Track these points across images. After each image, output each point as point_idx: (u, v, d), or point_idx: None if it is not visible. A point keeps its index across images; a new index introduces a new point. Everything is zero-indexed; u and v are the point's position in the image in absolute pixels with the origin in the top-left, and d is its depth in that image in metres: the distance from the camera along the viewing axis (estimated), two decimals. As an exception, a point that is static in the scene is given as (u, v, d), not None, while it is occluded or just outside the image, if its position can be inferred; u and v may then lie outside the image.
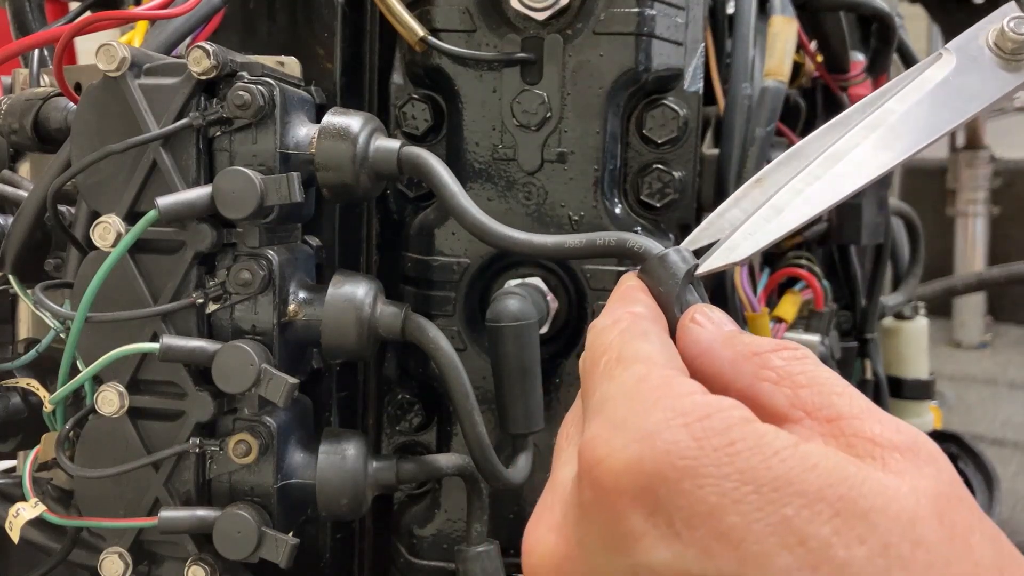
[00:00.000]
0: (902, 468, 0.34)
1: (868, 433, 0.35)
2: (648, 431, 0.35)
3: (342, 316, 0.56)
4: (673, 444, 0.34)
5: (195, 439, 0.54)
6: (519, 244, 0.53)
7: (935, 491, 0.33)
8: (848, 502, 0.32)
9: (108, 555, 0.54)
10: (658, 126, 0.64)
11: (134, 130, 0.53)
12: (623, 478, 0.35)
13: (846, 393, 0.37)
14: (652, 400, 0.36)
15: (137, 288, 0.53)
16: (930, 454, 0.35)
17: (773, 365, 0.39)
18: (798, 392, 0.37)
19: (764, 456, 0.33)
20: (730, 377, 0.40)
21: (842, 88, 1.05)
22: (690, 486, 0.33)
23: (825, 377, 0.38)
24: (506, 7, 0.62)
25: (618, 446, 0.35)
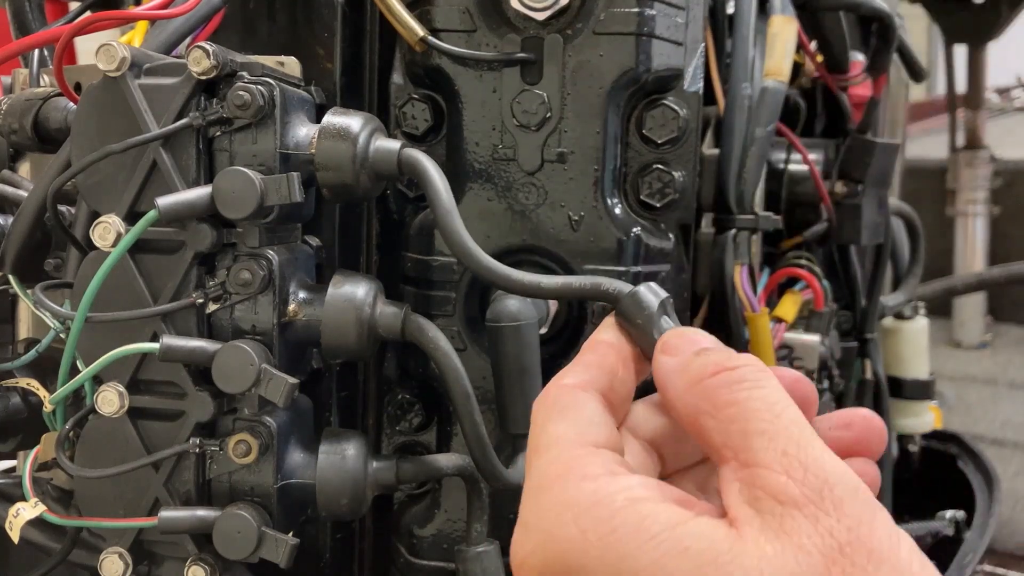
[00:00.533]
0: (792, 528, 0.35)
1: (772, 487, 0.36)
2: (545, 531, 0.38)
3: (342, 316, 0.56)
4: (565, 541, 0.37)
5: (195, 439, 0.54)
6: (497, 276, 0.53)
7: (824, 546, 0.34)
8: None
9: (108, 555, 0.54)
10: (658, 126, 0.64)
11: (134, 130, 0.53)
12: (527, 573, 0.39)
13: (768, 432, 0.37)
14: (550, 495, 0.39)
15: (137, 288, 0.53)
16: (835, 502, 0.35)
17: (709, 394, 0.40)
18: (728, 428, 0.39)
19: (640, 542, 0.35)
20: (680, 409, 0.41)
21: (842, 88, 1.05)
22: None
23: (755, 408, 0.38)
24: (506, 7, 0.62)
25: (528, 550, 0.39)
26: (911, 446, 1.46)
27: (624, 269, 0.62)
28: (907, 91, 1.71)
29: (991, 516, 1.42)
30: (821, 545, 0.34)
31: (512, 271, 0.53)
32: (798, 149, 0.98)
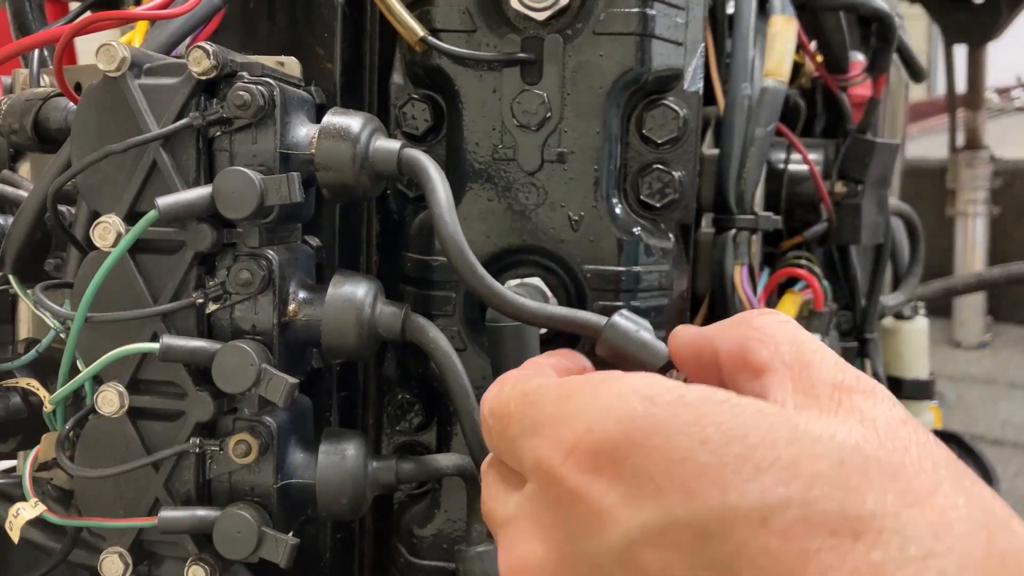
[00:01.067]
0: (851, 406, 0.37)
1: (830, 378, 0.38)
2: (600, 408, 0.37)
3: (342, 316, 0.56)
4: (631, 410, 0.36)
5: (195, 439, 0.54)
6: (485, 290, 0.53)
7: (887, 417, 0.36)
8: (800, 432, 0.35)
9: (108, 555, 0.54)
10: (658, 126, 0.64)
11: (134, 130, 0.53)
12: (588, 456, 0.37)
13: (819, 350, 0.40)
14: (593, 390, 0.38)
15: (137, 288, 0.54)
16: (887, 396, 0.38)
17: (758, 325, 0.42)
18: (779, 348, 0.40)
19: (716, 402, 0.36)
20: (720, 342, 0.43)
21: (842, 88, 1.05)
22: (660, 440, 0.35)
23: (804, 338, 0.41)
24: (506, 7, 0.62)
25: (576, 433, 0.37)
26: (911, 446, 1.46)
27: (624, 269, 0.62)
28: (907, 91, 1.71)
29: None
30: (884, 417, 0.36)
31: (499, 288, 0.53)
32: (798, 149, 0.98)
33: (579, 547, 0.37)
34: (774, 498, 0.33)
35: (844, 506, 0.33)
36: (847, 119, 1.07)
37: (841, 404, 0.37)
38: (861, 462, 0.34)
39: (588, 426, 0.37)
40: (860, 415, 0.36)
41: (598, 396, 0.38)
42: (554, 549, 0.39)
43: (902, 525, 0.33)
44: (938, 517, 0.33)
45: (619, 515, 0.36)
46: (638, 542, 0.35)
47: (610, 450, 0.36)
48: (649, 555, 0.35)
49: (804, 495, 0.33)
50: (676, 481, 0.35)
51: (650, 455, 0.35)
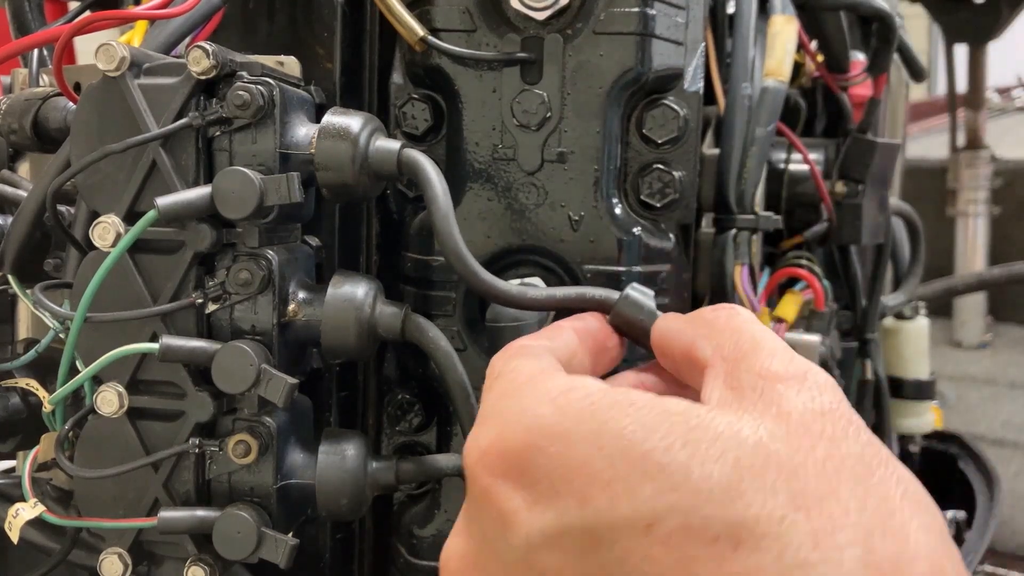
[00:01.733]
0: (771, 398, 0.37)
1: (758, 368, 0.38)
2: (515, 414, 0.38)
3: (342, 316, 0.56)
4: (539, 418, 0.37)
5: (195, 439, 0.54)
6: (485, 286, 0.53)
7: (805, 409, 0.36)
8: (699, 432, 0.35)
9: (108, 555, 0.54)
10: (658, 126, 0.64)
11: (133, 130, 0.53)
12: (497, 460, 0.38)
13: (760, 340, 0.40)
14: (520, 392, 0.40)
15: (137, 288, 0.53)
16: (816, 381, 0.37)
17: (709, 322, 0.43)
18: (720, 340, 0.41)
19: (622, 408, 0.37)
20: (678, 342, 0.44)
21: (842, 88, 1.05)
22: (561, 447, 0.36)
23: (746, 329, 0.41)
24: (506, 7, 0.62)
25: (489, 437, 0.39)
26: (912, 446, 1.46)
27: (624, 269, 0.62)
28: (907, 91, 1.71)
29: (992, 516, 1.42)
30: (801, 409, 0.36)
31: (499, 281, 0.53)
32: (798, 149, 0.98)
33: (491, 545, 0.39)
34: (660, 504, 0.34)
35: (728, 512, 0.33)
36: (848, 119, 1.07)
37: (762, 395, 0.37)
38: (758, 463, 0.34)
39: (500, 431, 0.38)
40: (777, 407, 0.36)
41: (520, 399, 0.39)
42: (472, 544, 0.40)
43: (784, 531, 0.33)
44: (824, 523, 0.33)
45: (522, 518, 0.37)
46: (537, 545, 0.36)
47: (516, 456, 0.37)
48: (546, 558, 0.36)
49: (690, 500, 0.34)
50: (572, 487, 0.36)
51: (551, 461, 0.36)
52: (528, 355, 0.44)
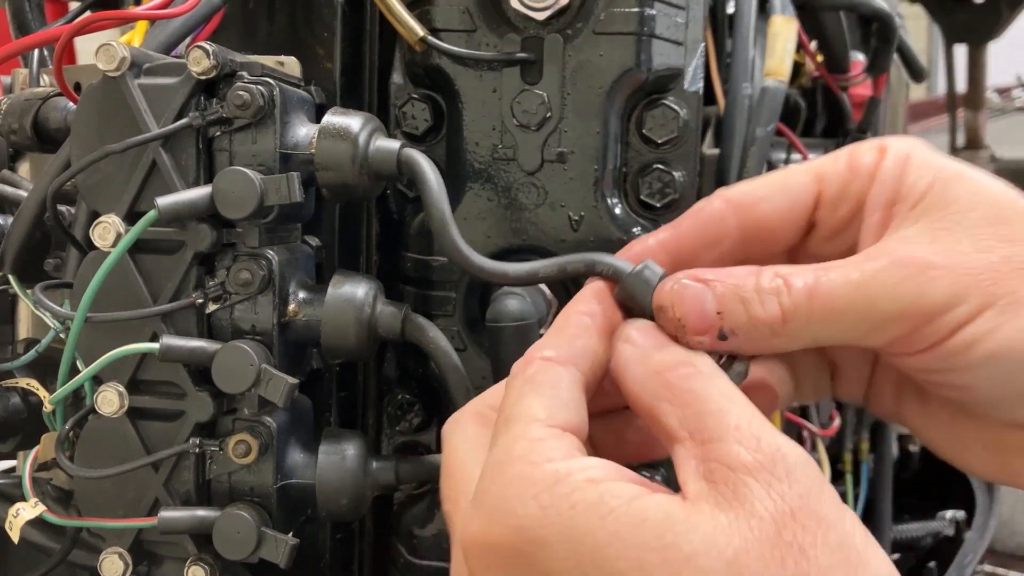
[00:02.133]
0: (745, 495, 0.36)
1: (726, 456, 0.37)
2: (502, 508, 0.38)
3: (342, 316, 0.56)
4: (524, 518, 0.38)
5: (195, 439, 0.54)
6: (492, 273, 0.53)
7: (775, 511, 0.35)
8: (673, 550, 0.35)
9: (108, 555, 0.54)
10: (658, 126, 0.64)
11: (134, 130, 0.53)
12: (487, 553, 0.39)
13: (721, 411, 0.39)
14: (511, 472, 0.39)
15: (137, 288, 0.53)
16: (787, 470, 0.36)
17: (669, 384, 0.41)
18: (684, 412, 0.40)
19: (600, 516, 0.37)
20: (638, 396, 0.42)
21: (842, 88, 1.05)
22: (542, 556, 0.37)
23: (710, 394, 0.40)
24: (506, 7, 0.62)
25: (480, 526, 0.39)
26: (911, 446, 1.46)
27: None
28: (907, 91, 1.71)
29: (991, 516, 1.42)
30: (773, 510, 0.35)
31: (506, 265, 0.53)
32: (798, 149, 0.98)
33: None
34: None
35: None
36: (847, 119, 1.07)
37: (735, 491, 0.36)
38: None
39: (487, 525, 0.39)
40: (751, 508, 0.36)
41: (509, 489, 0.39)
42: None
43: None
44: None
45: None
46: None
47: (501, 554, 0.38)
48: None
49: None
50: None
51: (534, 567, 0.37)
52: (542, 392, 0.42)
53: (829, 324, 0.43)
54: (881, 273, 0.42)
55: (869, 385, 0.52)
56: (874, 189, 0.46)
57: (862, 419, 1.28)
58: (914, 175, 0.45)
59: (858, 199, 0.46)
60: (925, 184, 0.44)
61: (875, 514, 1.28)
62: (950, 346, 0.42)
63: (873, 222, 0.46)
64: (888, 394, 0.50)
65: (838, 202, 0.47)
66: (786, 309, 0.42)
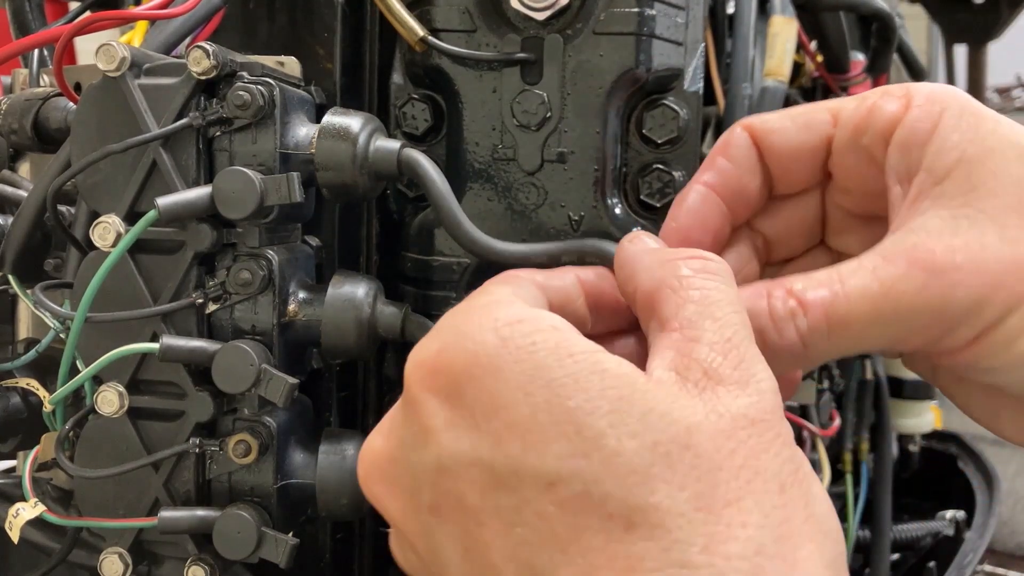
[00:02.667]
0: (710, 398, 0.36)
1: (707, 361, 0.37)
2: (460, 333, 0.38)
3: (342, 316, 0.56)
4: (481, 344, 0.37)
5: (195, 439, 0.54)
6: (511, 257, 0.53)
7: (737, 414, 0.35)
8: (627, 402, 0.35)
9: (108, 555, 0.54)
10: (658, 126, 0.64)
11: (134, 130, 0.53)
12: (430, 375, 0.38)
13: (722, 319, 0.38)
14: (474, 312, 0.39)
15: (137, 288, 0.53)
16: (759, 390, 0.36)
17: (679, 273, 0.40)
18: (684, 305, 0.39)
19: (559, 356, 0.36)
20: (643, 280, 0.41)
21: (842, 88, 1.05)
22: (491, 381, 0.36)
23: (716, 298, 0.39)
24: (506, 7, 0.62)
25: (431, 350, 0.39)
26: (911, 446, 1.46)
27: (624, 269, 0.62)
28: (907, 91, 1.70)
29: (991, 516, 1.42)
30: (735, 414, 0.35)
31: (524, 247, 0.53)
32: (798, 149, 0.98)
33: (406, 453, 0.39)
34: (566, 467, 0.34)
35: (630, 494, 0.33)
36: (847, 119, 1.07)
37: (704, 391, 0.36)
38: (676, 451, 0.34)
39: (440, 348, 0.38)
40: (714, 405, 0.35)
41: (469, 320, 0.38)
42: (389, 447, 0.41)
43: (679, 527, 0.33)
44: (720, 530, 0.33)
45: (439, 438, 0.37)
46: (446, 467, 0.37)
47: (449, 377, 0.38)
48: (451, 482, 0.37)
49: (595, 472, 0.34)
50: (491, 425, 0.36)
51: (480, 393, 0.36)
52: (508, 282, 0.42)
53: (850, 341, 0.42)
54: (900, 282, 0.40)
55: None
56: (892, 156, 0.44)
57: (862, 419, 1.28)
58: (937, 148, 0.42)
59: (868, 154, 0.45)
60: (950, 161, 0.42)
61: (875, 514, 1.28)
62: (978, 350, 0.41)
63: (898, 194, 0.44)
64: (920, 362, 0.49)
65: (847, 151, 0.46)
66: (804, 334, 0.41)
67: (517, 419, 0.35)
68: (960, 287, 0.40)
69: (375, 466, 0.41)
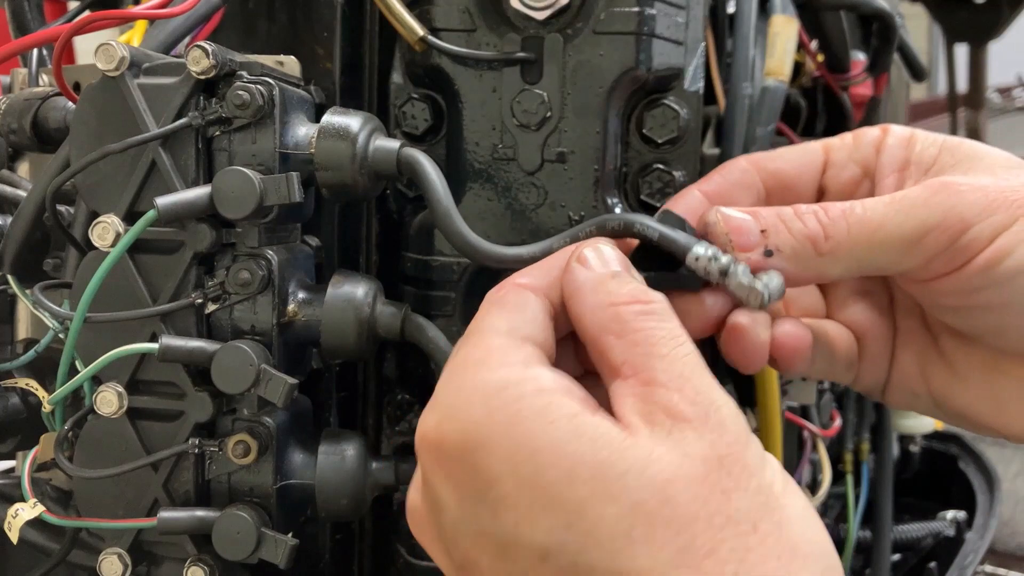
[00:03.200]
0: (679, 439, 0.38)
1: (666, 403, 0.39)
2: (452, 408, 0.40)
3: (342, 316, 0.56)
4: (469, 421, 0.39)
5: (194, 439, 0.54)
6: (508, 260, 0.53)
7: (706, 455, 0.37)
8: (606, 466, 0.37)
9: (107, 555, 0.54)
10: (658, 126, 0.64)
11: (133, 130, 0.53)
12: (434, 449, 0.41)
13: (669, 356, 0.40)
14: (464, 377, 0.41)
15: (136, 288, 0.53)
16: (720, 422, 0.38)
17: (621, 318, 0.42)
18: (632, 349, 0.41)
19: (542, 425, 0.38)
20: (587, 323, 0.43)
21: (843, 88, 1.05)
22: (483, 456, 0.38)
23: (659, 336, 0.41)
24: (506, 7, 0.62)
25: (431, 425, 0.41)
26: (912, 447, 1.46)
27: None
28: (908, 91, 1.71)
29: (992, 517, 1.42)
30: (704, 454, 0.37)
31: (521, 249, 0.53)
32: (799, 149, 0.98)
33: (433, 515, 0.42)
34: (553, 540, 0.36)
35: (614, 561, 0.35)
36: (848, 119, 1.07)
37: (670, 433, 0.38)
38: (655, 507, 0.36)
39: (438, 422, 0.40)
40: (684, 450, 0.37)
41: (461, 390, 0.40)
42: (423, 507, 0.43)
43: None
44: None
45: (451, 508, 0.40)
46: (462, 534, 0.39)
47: (448, 451, 0.40)
48: (469, 549, 0.40)
49: (580, 542, 0.36)
50: (489, 497, 0.38)
51: (475, 468, 0.39)
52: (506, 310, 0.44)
53: (868, 243, 0.46)
54: (912, 192, 0.46)
55: (892, 362, 0.53)
56: (883, 158, 0.51)
57: (862, 419, 1.28)
58: (920, 146, 0.50)
59: (863, 164, 0.52)
60: (934, 152, 0.49)
61: (875, 514, 1.28)
62: (983, 260, 0.45)
63: (888, 183, 0.50)
64: (913, 365, 0.52)
65: (844, 164, 0.52)
66: (826, 225, 0.46)
67: (508, 493, 0.38)
68: (967, 195, 0.45)
69: (414, 519, 0.45)
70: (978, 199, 0.45)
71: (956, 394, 0.51)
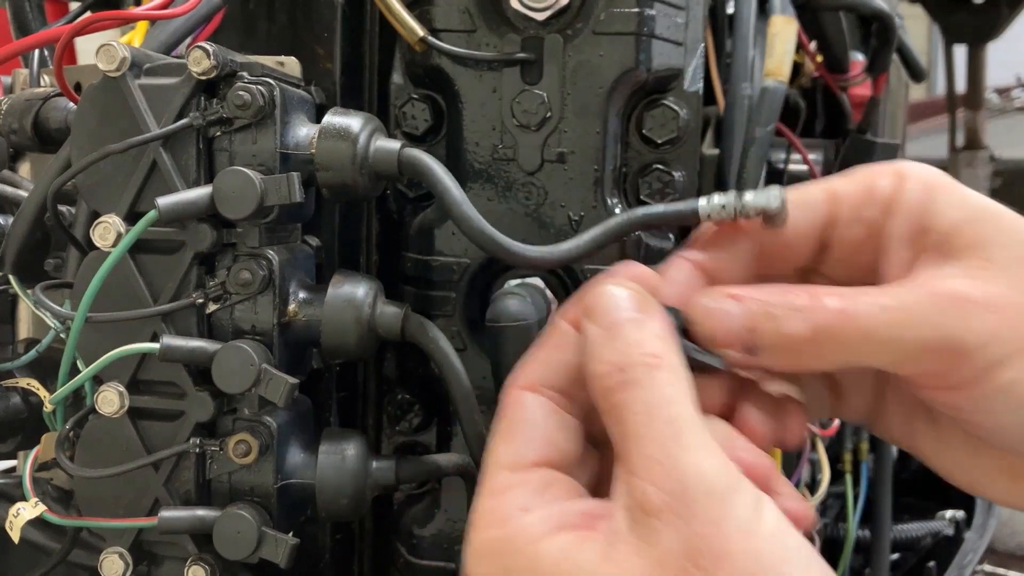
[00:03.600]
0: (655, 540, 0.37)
1: (640, 497, 0.38)
2: (468, 565, 0.42)
3: (342, 316, 0.56)
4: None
5: (195, 439, 0.54)
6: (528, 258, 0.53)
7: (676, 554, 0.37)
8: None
9: (108, 555, 0.54)
10: (658, 126, 0.64)
11: (134, 130, 0.53)
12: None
13: (642, 436, 0.39)
14: (475, 534, 0.42)
15: (137, 288, 0.53)
16: (688, 505, 0.37)
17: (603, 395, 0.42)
18: (613, 429, 0.41)
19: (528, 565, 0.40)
20: (593, 386, 0.42)
21: (842, 88, 1.05)
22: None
23: (634, 412, 0.40)
24: (506, 7, 0.62)
25: None
26: (911, 446, 1.46)
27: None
28: (907, 91, 1.71)
29: (991, 516, 1.42)
30: (678, 553, 0.37)
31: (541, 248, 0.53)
32: (798, 149, 0.98)
33: None
34: None
35: None
36: (847, 119, 1.07)
37: (649, 534, 0.38)
38: None
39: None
40: (660, 553, 0.37)
41: (474, 545, 0.42)
42: None
43: None
44: None
45: None
46: None
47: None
48: None
49: None
50: None
51: None
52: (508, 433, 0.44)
53: (860, 347, 0.42)
54: (918, 303, 0.41)
55: (876, 408, 0.50)
56: (897, 220, 0.45)
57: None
58: (941, 209, 0.44)
59: (872, 224, 0.46)
60: (954, 221, 0.44)
61: (875, 514, 1.28)
62: (984, 387, 0.41)
63: (900, 257, 0.45)
64: (898, 417, 0.49)
65: (851, 223, 0.46)
66: (816, 328, 0.42)
67: None
68: (976, 318, 0.41)
69: None
70: (990, 322, 0.41)
71: (936, 454, 0.48)
